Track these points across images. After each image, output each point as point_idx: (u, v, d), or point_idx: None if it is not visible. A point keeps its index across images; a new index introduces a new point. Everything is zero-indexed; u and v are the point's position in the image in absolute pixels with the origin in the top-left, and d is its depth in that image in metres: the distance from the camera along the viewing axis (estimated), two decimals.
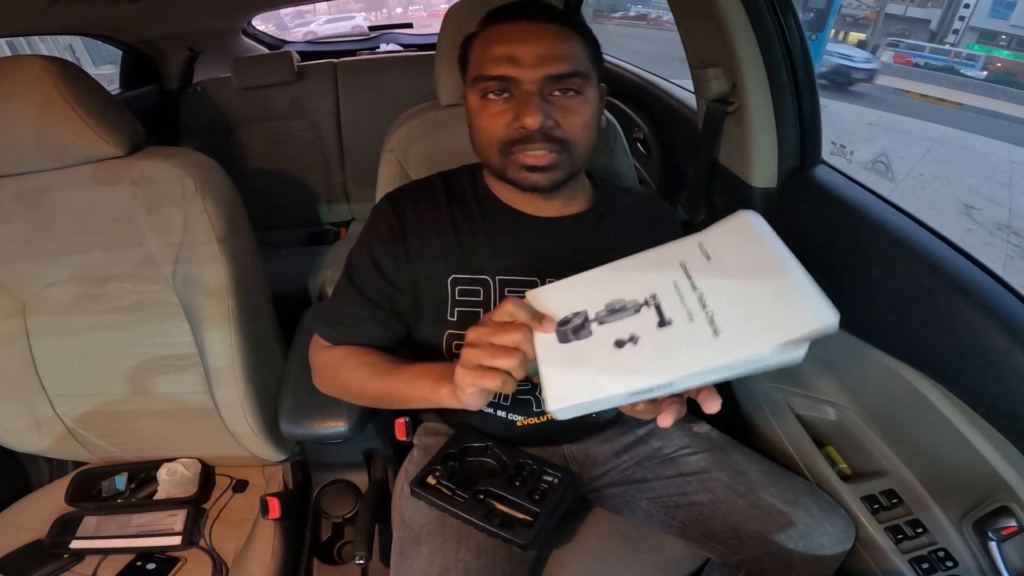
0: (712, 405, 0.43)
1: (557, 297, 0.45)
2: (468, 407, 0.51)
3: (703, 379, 0.37)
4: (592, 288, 0.45)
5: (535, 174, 0.60)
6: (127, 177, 0.77)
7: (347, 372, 0.67)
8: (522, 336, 0.43)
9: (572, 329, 0.43)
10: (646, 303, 0.41)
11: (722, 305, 0.38)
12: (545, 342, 0.43)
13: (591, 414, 0.46)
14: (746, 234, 0.42)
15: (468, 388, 0.47)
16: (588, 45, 0.62)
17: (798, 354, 0.36)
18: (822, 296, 0.35)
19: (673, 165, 1.20)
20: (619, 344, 0.40)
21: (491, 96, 0.59)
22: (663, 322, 0.39)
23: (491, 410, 0.74)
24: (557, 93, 0.59)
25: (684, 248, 0.43)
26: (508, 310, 0.44)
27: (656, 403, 0.46)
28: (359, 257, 0.68)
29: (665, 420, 0.44)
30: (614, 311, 0.42)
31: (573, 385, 0.40)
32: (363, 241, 0.69)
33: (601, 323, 0.42)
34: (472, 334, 0.46)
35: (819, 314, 0.34)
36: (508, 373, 0.45)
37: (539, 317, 0.44)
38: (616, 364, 0.39)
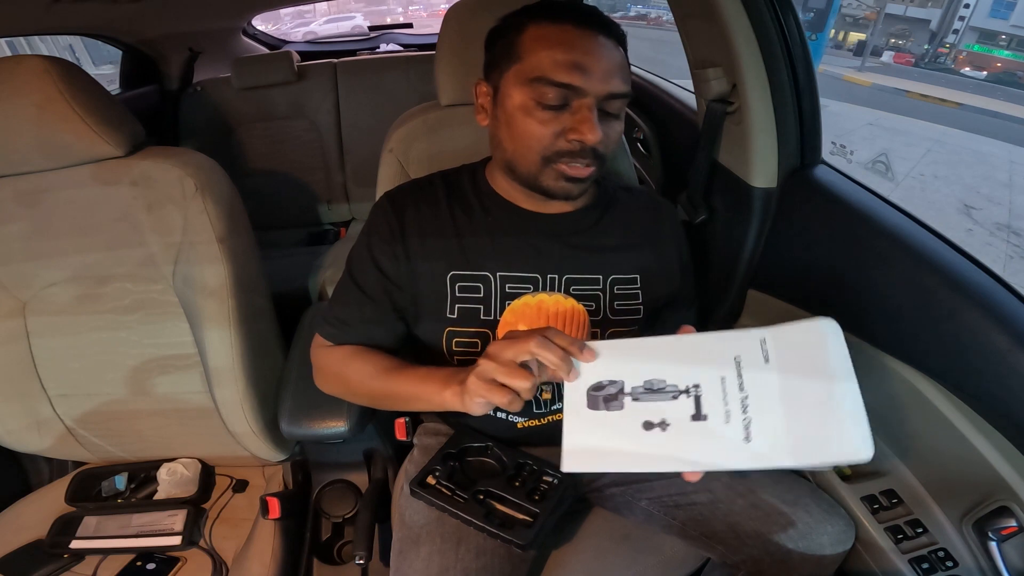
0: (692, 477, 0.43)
1: (600, 355, 0.45)
2: (471, 412, 0.52)
3: (721, 471, 0.39)
4: (636, 359, 0.43)
5: (572, 184, 0.60)
6: (127, 177, 0.77)
7: (350, 371, 0.67)
8: (530, 383, 0.46)
9: (604, 398, 0.42)
10: (686, 392, 0.40)
11: (763, 414, 0.37)
12: (574, 399, 0.43)
13: None
14: (815, 344, 0.39)
15: (477, 398, 0.48)
16: (629, 62, 0.62)
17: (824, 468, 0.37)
18: (864, 427, 0.35)
19: (673, 165, 1.20)
20: (648, 426, 0.39)
21: (545, 101, 0.56)
22: (698, 416, 0.39)
23: (492, 412, 0.74)
24: (609, 111, 0.58)
25: (745, 341, 0.41)
26: (531, 349, 0.45)
27: None
28: (359, 256, 0.69)
29: (692, 476, 0.44)
30: (651, 391, 0.41)
31: (592, 454, 0.40)
32: (363, 240, 0.69)
33: (635, 399, 0.41)
34: (495, 347, 0.48)
35: (853, 447, 0.34)
36: (518, 394, 0.47)
37: (568, 367, 0.45)
38: (639, 445, 0.39)
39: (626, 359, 0.44)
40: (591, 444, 0.40)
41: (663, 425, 0.39)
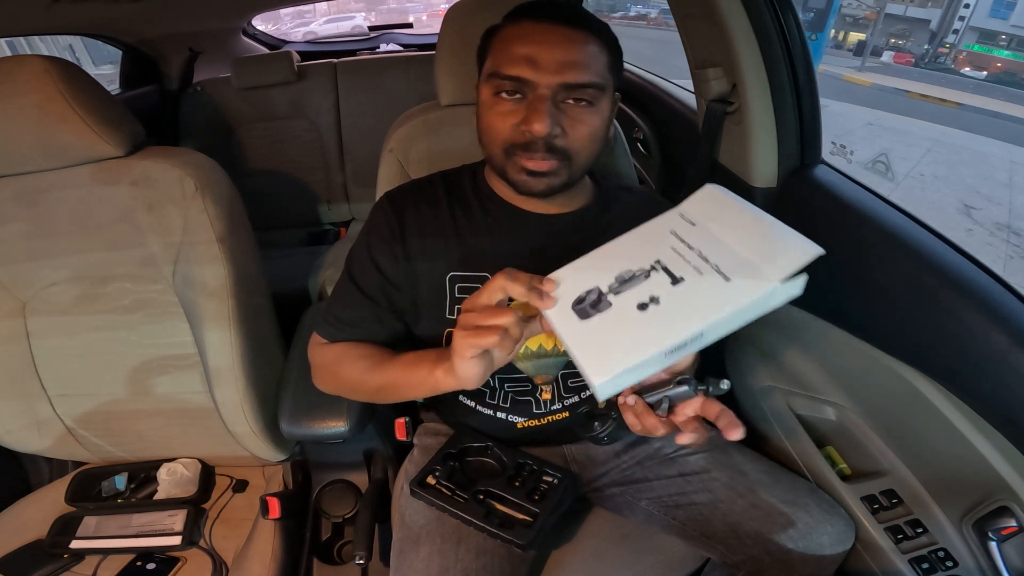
0: (735, 432, 0.44)
1: (561, 283, 0.46)
2: (467, 383, 0.51)
3: (728, 324, 0.39)
4: (593, 269, 0.45)
5: (533, 179, 0.60)
6: (127, 177, 0.77)
7: (345, 367, 0.67)
8: (513, 317, 0.45)
9: (590, 304, 0.43)
10: (653, 268, 0.43)
11: (723, 257, 0.40)
12: (567, 326, 0.43)
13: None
14: (718, 200, 0.45)
15: (468, 351, 0.46)
16: (611, 55, 0.60)
17: (798, 287, 0.39)
18: (801, 235, 0.40)
19: (673, 165, 1.20)
20: (642, 307, 0.41)
21: (503, 95, 0.58)
22: (675, 280, 0.41)
23: (491, 412, 0.74)
24: (570, 101, 0.57)
25: (668, 220, 0.46)
26: (500, 284, 0.45)
27: (671, 419, 0.47)
28: (359, 256, 0.69)
29: (684, 438, 0.45)
30: (625, 281, 0.43)
31: (612, 354, 0.39)
32: (363, 240, 0.69)
33: (616, 293, 0.42)
34: (466, 302, 0.48)
35: (806, 247, 0.38)
36: (507, 331, 0.45)
37: (539, 293, 0.44)
38: (646, 324, 0.40)
39: (587, 271, 0.46)
40: (607, 349, 0.40)
41: (654, 300, 0.41)
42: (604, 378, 0.39)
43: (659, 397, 0.47)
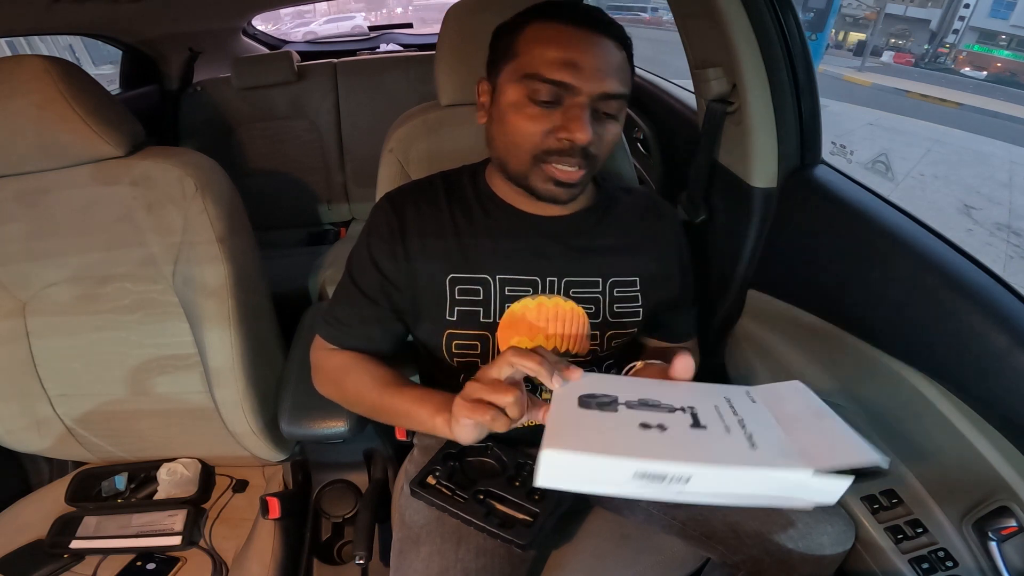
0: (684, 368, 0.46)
1: (584, 378, 0.44)
2: (460, 440, 0.51)
3: (726, 487, 0.33)
4: (623, 384, 0.43)
5: (560, 188, 0.59)
6: (127, 177, 0.77)
7: (351, 379, 0.67)
8: (513, 396, 0.46)
9: (598, 403, 0.39)
10: (682, 409, 0.38)
11: (764, 431, 0.35)
12: (562, 406, 0.40)
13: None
14: (794, 392, 0.41)
15: (462, 419, 0.48)
16: (631, 65, 0.61)
17: (834, 491, 0.33)
18: (866, 440, 0.35)
19: (673, 165, 1.20)
20: (644, 426, 0.36)
21: (538, 99, 0.56)
22: (696, 424, 0.36)
23: None
24: (603, 110, 0.57)
25: (728, 389, 0.42)
26: (508, 360, 0.46)
27: None
28: (359, 256, 0.68)
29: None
30: (647, 404, 0.39)
31: (579, 436, 0.34)
32: (363, 240, 0.69)
33: (630, 407, 0.38)
34: (479, 373, 0.49)
35: (865, 451, 0.33)
36: (504, 411, 0.46)
37: (560, 366, 0.44)
38: (635, 437, 0.35)
39: (616, 383, 0.43)
40: (576, 433, 0.35)
41: (661, 427, 0.36)
42: (554, 449, 0.34)
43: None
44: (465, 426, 0.49)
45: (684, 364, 0.48)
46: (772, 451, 0.34)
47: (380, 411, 0.64)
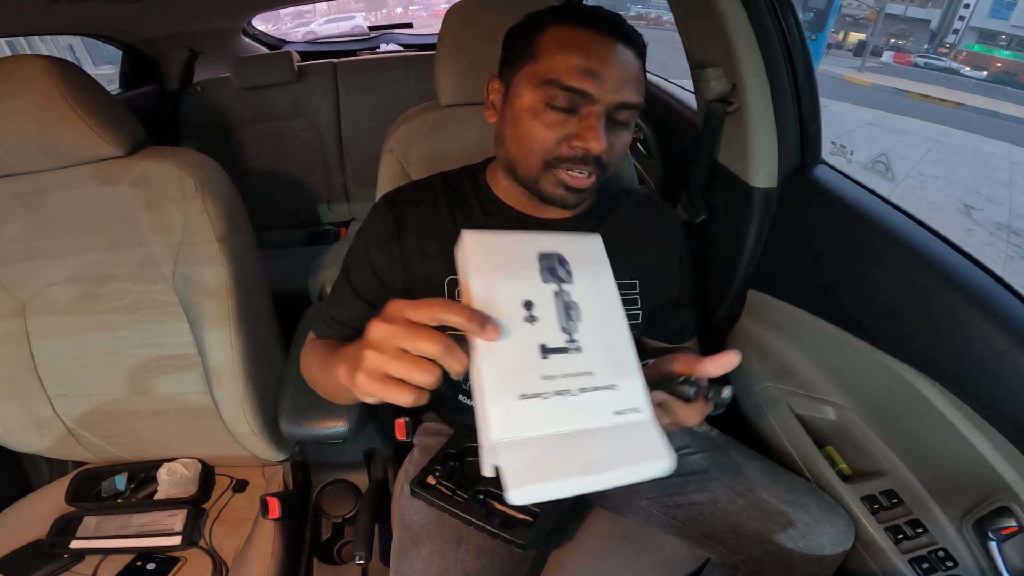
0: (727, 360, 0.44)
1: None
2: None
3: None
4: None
5: (570, 193, 0.59)
6: (127, 177, 0.77)
7: (308, 360, 0.66)
8: (442, 349, 0.34)
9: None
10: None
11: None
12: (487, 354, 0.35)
13: None
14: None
15: (369, 398, 0.38)
16: (645, 74, 0.60)
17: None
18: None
19: (673, 165, 1.20)
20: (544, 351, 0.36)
21: (556, 105, 0.55)
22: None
23: None
24: (617, 119, 0.57)
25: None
26: (434, 314, 0.34)
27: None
28: (356, 256, 0.68)
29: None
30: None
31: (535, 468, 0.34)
32: (360, 240, 0.68)
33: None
34: (376, 331, 0.36)
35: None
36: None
37: (481, 319, 0.34)
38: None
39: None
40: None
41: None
42: (521, 495, 0.33)
43: (659, 397, 0.47)
44: (374, 401, 0.38)
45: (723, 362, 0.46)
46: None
47: (326, 386, 0.61)
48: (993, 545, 0.59)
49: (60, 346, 0.85)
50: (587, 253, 0.42)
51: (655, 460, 0.36)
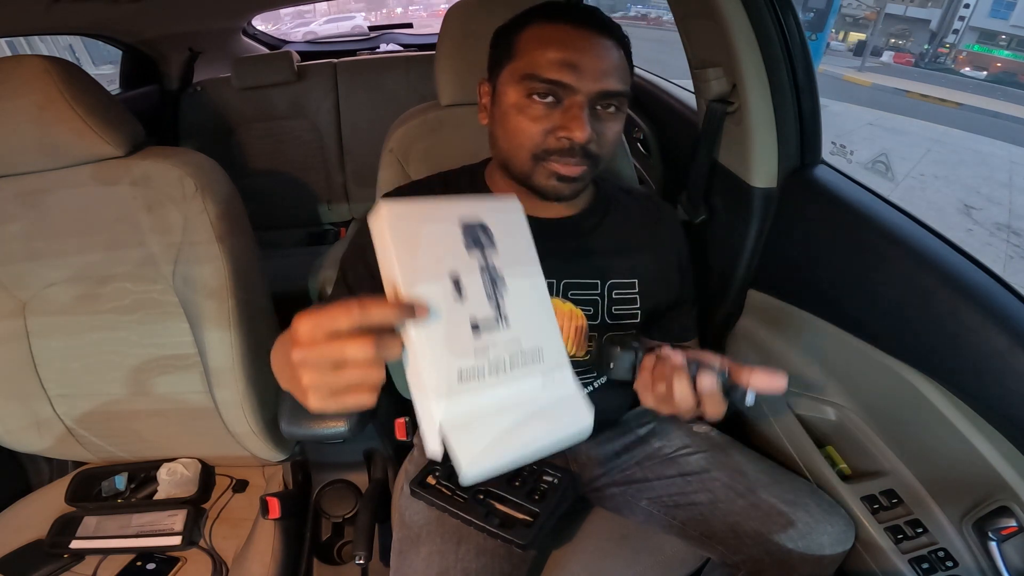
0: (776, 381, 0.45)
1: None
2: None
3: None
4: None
5: (563, 184, 0.60)
6: (127, 177, 0.77)
7: (273, 357, 0.62)
8: (374, 348, 0.32)
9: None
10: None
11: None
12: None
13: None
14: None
15: (331, 412, 0.37)
16: (630, 62, 0.61)
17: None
18: None
19: (673, 165, 1.20)
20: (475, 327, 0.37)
21: (536, 98, 0.56)
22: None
23: None
24: (601, 108, 0.58)
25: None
26: (354, 319, 0.32)
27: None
28: (351, 258, 0.68)
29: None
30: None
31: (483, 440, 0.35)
32: (356, 242, 0.68)
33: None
34: (302, 356, 0.32)
35: None
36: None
37: (406, 306, 0.33)
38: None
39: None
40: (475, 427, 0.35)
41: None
42: (474, 470, 0.34)
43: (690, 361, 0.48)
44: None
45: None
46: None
47: (279, 368, 0.56)
48: (993, 545, 0.59)
49: (60, 346, 0.85)
50: (507, 218, 0.42)
51: (580, 422, 0.40)
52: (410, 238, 0.36)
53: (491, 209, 0.41)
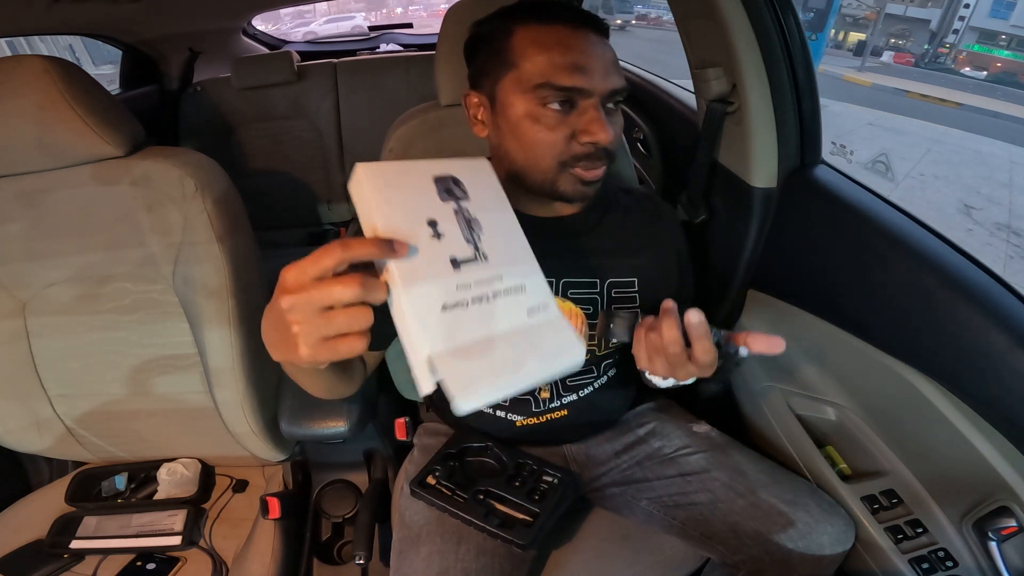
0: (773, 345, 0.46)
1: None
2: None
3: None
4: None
5: (588, 187, 0.60)
6: (127, 177, 0.77)
7: (263, 326, 0.62)
8: (360, 287, 0.32)
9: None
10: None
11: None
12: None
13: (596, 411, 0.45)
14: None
15: (323, 362, 0.36)
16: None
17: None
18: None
19: (673, 165, 1.20)
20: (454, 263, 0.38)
21: (552, 106, 0.55)
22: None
23: (491, 410, 0.74)
24: (610, 106, 0.58)
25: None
26: (336, 258, 0.33)
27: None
28: None
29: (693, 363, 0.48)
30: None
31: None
32: None
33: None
34: (290, 303, 0.33)
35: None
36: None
37: (385, 242, 0.33)
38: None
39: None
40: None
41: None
42: (468, 402, 0.34)
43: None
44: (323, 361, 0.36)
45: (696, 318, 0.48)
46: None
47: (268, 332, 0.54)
48: (993, 545, 0.59)
49: (60, 346, 0.85)
50: (477, 174, 0.45)
51: (572, 350, 0.40)
52: (385, 190, 0.37)
53: (461, 165, 0.44)
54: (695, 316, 0.48)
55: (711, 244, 0.93)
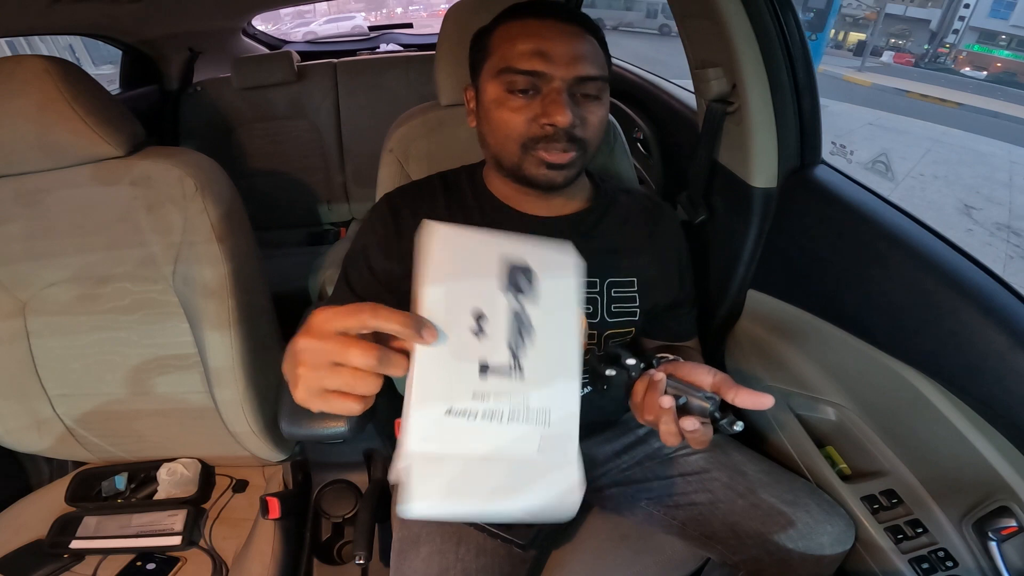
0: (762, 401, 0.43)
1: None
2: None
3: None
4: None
5: (554, 171, 0.60)
6: (127, 177, 0.77)
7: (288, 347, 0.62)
8: (376, 360, 0.32)
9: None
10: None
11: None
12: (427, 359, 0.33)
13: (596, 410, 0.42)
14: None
15: (314, 409, 0.35)
16: (605, 51, 0.62)
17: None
18: None
19: (673, 165, 1.20)
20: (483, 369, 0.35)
21: (515, 91, 0.58)
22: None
23: None
24: (582, 95, 0.59)
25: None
26: (363, 321, 0.33)
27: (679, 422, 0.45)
28: (354, 257, 0.69)
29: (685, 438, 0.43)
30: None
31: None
32: (358, 241, 0.69)
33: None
34: (304, 346, 0.33)
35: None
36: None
37: (417, 323, 0.33)
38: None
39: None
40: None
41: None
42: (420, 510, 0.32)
43: (678, 393, 0.45)
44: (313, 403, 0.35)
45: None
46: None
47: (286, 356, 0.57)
48: (993, 545, 0.59)
49: (60, 346, 0.85)
50: (555, 266, 0.39)
51: (566, 503, 0.35)
52: (446, 262, 0.35)
53: (542, 251, 0.38)
54: (689, 425, 0.44)
55: (711, 244, 0.93)
